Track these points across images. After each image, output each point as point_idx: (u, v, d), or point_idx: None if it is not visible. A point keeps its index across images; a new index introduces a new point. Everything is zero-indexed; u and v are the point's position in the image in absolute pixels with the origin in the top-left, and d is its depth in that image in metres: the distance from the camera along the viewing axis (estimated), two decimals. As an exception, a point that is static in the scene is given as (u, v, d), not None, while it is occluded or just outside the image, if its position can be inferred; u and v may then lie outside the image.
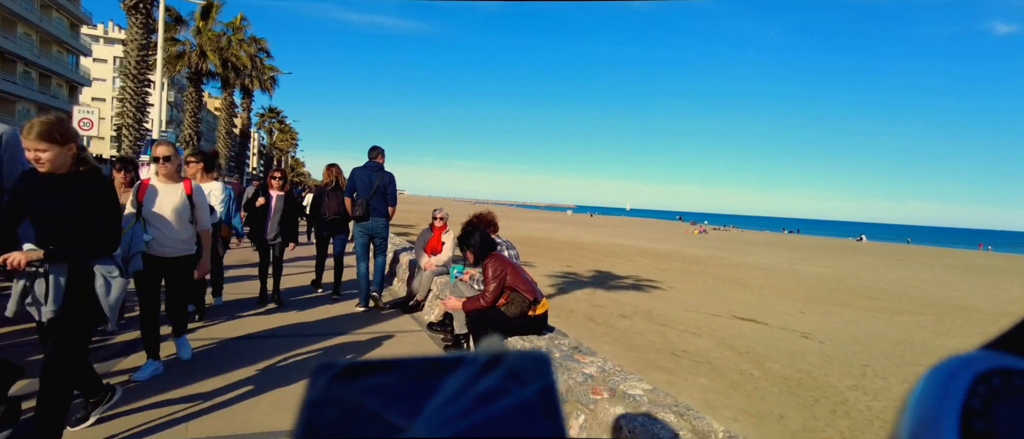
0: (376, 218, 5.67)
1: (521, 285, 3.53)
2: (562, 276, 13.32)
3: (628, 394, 2.26)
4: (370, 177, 5.67)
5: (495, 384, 0.23)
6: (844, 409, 4.92)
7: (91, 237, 2.36)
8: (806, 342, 8.17)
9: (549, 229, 33.31)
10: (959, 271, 26.13)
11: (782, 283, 17.61)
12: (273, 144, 60.53)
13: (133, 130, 12.11)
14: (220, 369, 3.53)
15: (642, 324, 8.00)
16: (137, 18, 12.00)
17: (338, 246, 6.37)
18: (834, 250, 37.25)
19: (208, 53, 17.95)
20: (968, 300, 15.66)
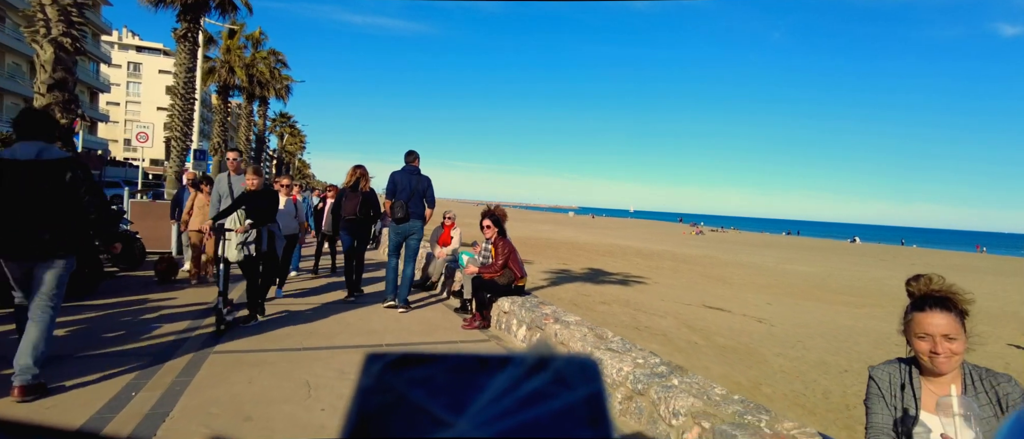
0: (414, 220, 5.82)
1: (514, 264, 5.16)
2: (557, 272, 14.73)
3: (564, 320, 3.85)
4: (409, 180, 5.80)
5: (541, 386, 0.23)
6: (760, 367, 6.46)
7: (268, 217, 4.81)
8: (758, 325, 9.66)
9: (549, 230, 34.73)
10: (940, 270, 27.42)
11: (762, 280, 18.98)
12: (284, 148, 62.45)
13: (180, 142, 13.83)
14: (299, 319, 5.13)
15: (618, 308, 9.54)
16: (185, 45, 13.72)
17: (359, 249, 6.32)
18: (825, 251, 38.54)
19: (236, 69, 19.68)
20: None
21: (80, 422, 2.64)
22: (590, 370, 0.24)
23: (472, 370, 0.24)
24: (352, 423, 0.23)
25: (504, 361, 0.24)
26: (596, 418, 0.23)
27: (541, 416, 0.22)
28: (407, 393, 0.23)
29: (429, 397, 0.23)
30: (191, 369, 3.49)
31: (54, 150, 3.07)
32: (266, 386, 3.25)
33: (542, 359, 0.24)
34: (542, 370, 0.24)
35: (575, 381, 0.24)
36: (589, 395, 0.23)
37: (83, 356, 3.66)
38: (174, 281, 6.80)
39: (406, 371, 0.24)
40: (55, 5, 6.59)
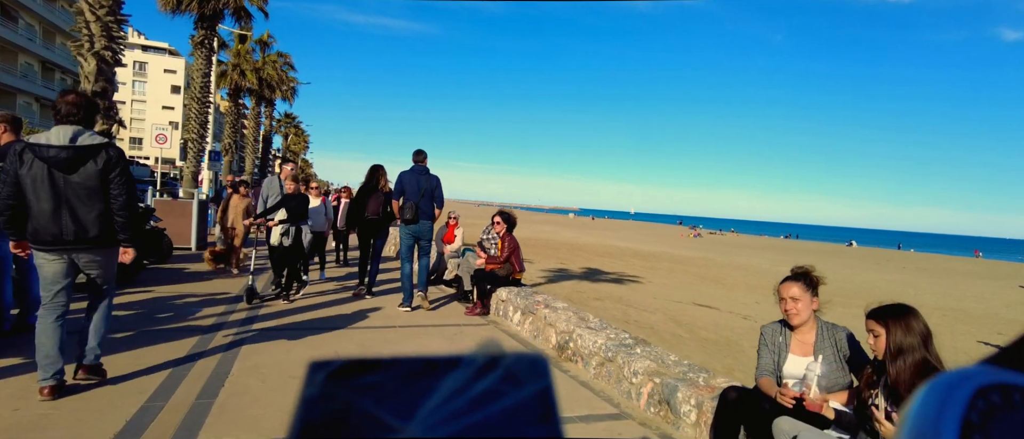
0: (424, 220, 5.74)
1: (516, 259, 5.85)
2: (555, 271, 15.37)
3: (553, 306, 4.53)
4: (418, 181, 5.70)
5: (491, 386, 0.23)
6: (736, 356, 7.09)
7: (301, 217, 5.78)
8: (742, 321, 10.30)
9: (550, 231, 35.39)
10: (929, 274, 28.12)
11: (754, 281, 19.59)
12: (288, 147, 63.25)
13: (196, 143, 14.54)
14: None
15: (610, 304, 10.19)
16: (202, 52, 14.45)
17: (377, 247, 6.37)
18: (821, 254, 39.16)
19: (247, 73, 20.41)
20: (916, 298, 17.74)
21: (163, 379, 3.32)
22: (540, 367, 0.25)
23: (421, 374, 0.24)
24: (296, 436, 0.23)
25: (453, 363, 0.24)
26: (545, 415, 0.23)
27: (491, 416, 0.22)
28: (353, 401, 0.23)
29: (376, 404, 0.23)
30: (237, 342, 4.16)
31: (91, 135, 3.00)
32: (301, 355, 3.91)
33: (492, 359, 0.25)
34: (492, 370, 0.24)
35: (525, 379, 0.24)
36: (538, 392, 0.24)
37: (146, 331, 4.34)
38: (215, 270, 7.55)
39: (352, 378, 0.24)
40: (98, 22, 7.28)
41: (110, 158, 2.99)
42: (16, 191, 2.86)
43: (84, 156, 2.91)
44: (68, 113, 2.93)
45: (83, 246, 2.96)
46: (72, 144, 2.88)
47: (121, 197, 3.01)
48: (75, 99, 2.99)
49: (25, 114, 36.71)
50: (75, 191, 2.90)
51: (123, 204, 3.03)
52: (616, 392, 3.44)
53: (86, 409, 2.84)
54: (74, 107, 2.96)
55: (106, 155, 2.99)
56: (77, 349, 3.10)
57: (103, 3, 7.24)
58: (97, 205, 2.96)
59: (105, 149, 3.01)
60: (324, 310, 5.59)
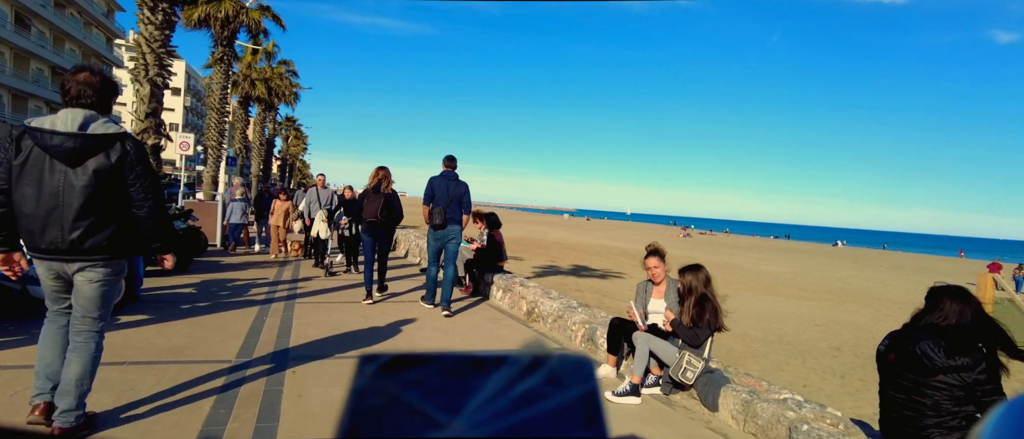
0: (452, 225, 5.81)
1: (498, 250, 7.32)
2: (544, 267, 16.70)
3: (525, 285, 5.99)
4: (447, 186, 5.77)
5: (535, 386, 0.23)
6: None
7: (357, 217, 6.97)
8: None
9: (543, 231, 36.80)
10: (903, 272, 29.71)
11: (735, 278, 20.99)
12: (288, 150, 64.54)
13: (215, 150, 15.96)
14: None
15: (589, 295, 11.60)
16: (221, 67, 15.92)
17: (381, 249, 6.39)
18: (806, 253, 40.76)
19: (257, 83, 21.85)
20: (883, 293, 19.22)
21: (250, 323, 4.76)
22: (585, 369, 0.25)
23: (466, 371, 0.24)
24: (346, 425, 0.23)
25: (499, 361, 0.25)
26: (591, 418, 0.23)
27: (535, 416, 0.22)
28: (401, 394, 0.24)
29: (423, 398, 0.23)
30: (289, 309, 5.59)
31: (107, 121, 2.46)
32: (339, 318, 5.34)
33: (536, 359, 0.24)
34: (536, 370, 0.24)
35: (569, 380, 0.24)
36: (583, 394, 0.24)
37: (219, 302, 5.76)
38: (291, 258, 9.47)
39: (400, 373, 0.24)
40: (153, 53, 8.71)
41: (126, 152, 2.44)
42: (7, 185, 2.37)
43: (94, 147, 2.37)
44: (79, 93, 2.40)
45: (79, 258, 2.39)
46: (81, 131, 2.34)
47: (147, 202, 2.49)
48: (88, 77, 2.45)
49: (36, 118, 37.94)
50: (78, 189, 2.36)
51: (151, 210, 2.51)
52: (562, 337, 4.92)
53: (218, 324, 4.24)
54: (86, 87, 2.41)
55: (122, 149, 2.44)
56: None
57: (157, 38, 8.68)
58: (104, 208, 2.41)
59: (121, 141, 2.45)
60: (352, 289, 7.04)
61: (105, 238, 2.44)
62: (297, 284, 7.24)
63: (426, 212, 5.84)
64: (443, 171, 5.90)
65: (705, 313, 3.42)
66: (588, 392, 0.24)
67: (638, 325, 3.63)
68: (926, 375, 2.26)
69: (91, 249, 2.41)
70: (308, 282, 7.47)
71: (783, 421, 2.76)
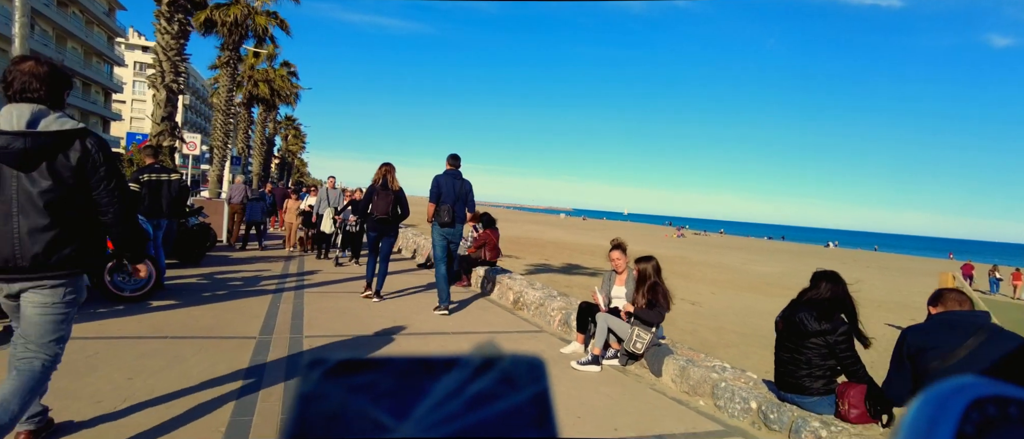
0: (459, 223, 5.92)
1: (488, 248, 7.96)
2: (536, 265, 17.29)
3: (513, 277, 6.67)
4: (453, 184, 5.83)
5: (487, 387, 0.23)
6: (675, 327, 9.19)
7: (363, 215, 7.14)
8: (690, 306, 12.34)
9: (538, 231, 37.46)
10: (888, 272, 30.51)
11: (721, 277, 21.66)
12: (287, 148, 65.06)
13: (221, 149, 16.57)
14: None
15: (578, 291, 12.18)
16: (227, 71, 16.53)
17: (385, 248, 6.29)
18: (797, 254, 41.52)
19: (260, 85, 22.45)
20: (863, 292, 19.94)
21: (267, 307, 5.40)
22: (537, 369, 0.25)
23: (417, 374, 0.24)
24: (291, 431, 0.23)
25: (450, 363, 0.24)
26: (542, 418, 0.23)
27: (487, 418, 0.22)
28: (349, 399, 0.23)
29: (372, 403, 0.23)
30: (299, 297, 6.23)
31: (59, 117, 2.14)
32: (346, 305, 5.98)
33: (488, 360, 0.24)
34: (488, 371, 0.24)
35: (522, 381, 0.24)
36: (535, 395, 0.24)
37: (235, 291, 6.40)
38: (259, 258, 9.67)
39: (348, 377, 0.24)
40: (169, 61, 9.33)
41: (88, 152, 2.15)
42: None
43: (48, 148, 2.07)
44: (24, 86, 2.09)
45: (38, 276, 2.10)
46: (30, 130, 2.05)
47: (113, 206, 2.20)
48: (33, 67, 2.13)
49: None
50: (33, 197, 2.07)
51: (117, 215, 2.22)
52: (543, 321, 5.58)
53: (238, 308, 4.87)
54: (32, 78, 2.11)
55: (82, 147, 2.14)
56: None
57: (172, 46, 9.31)
58: (68, 218, 2.12)
59: (79, 138, 2.15)
60: (356, 281, 7.68)
61: (72, 251, 2.15)
62: (303, 276, 7.89)
63: (431, 210, 5.89)
64: (447, 169, 5.97)
65: (658, 295, 4.09)
66: (539, 392, 0.24)
67: (600, 307, 4.29)
68: (803, 338, 2.93)
69: (57, 264, 2.12)
70: (313, 274, 8.13)
71: (708, 381, 3.43)
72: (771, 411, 2.98)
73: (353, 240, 9.42)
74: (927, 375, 2.44)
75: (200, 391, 3.15)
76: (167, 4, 9.21)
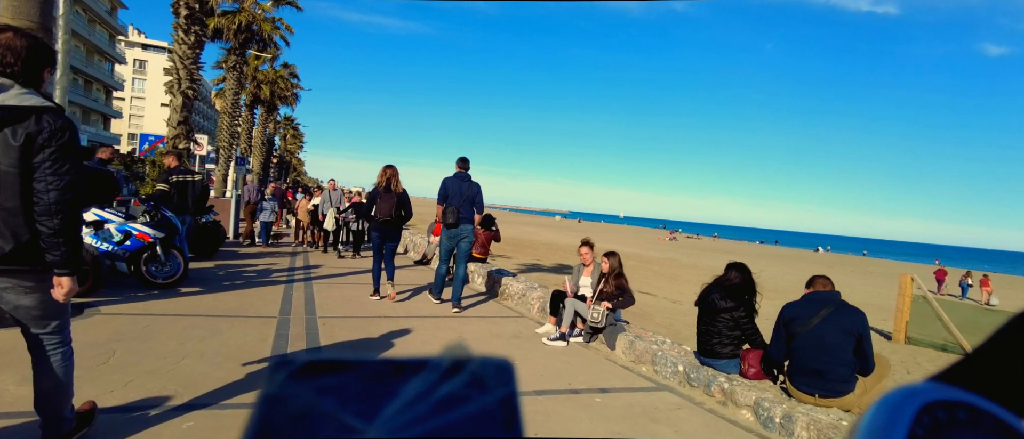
0: (465, 225, 6.01)
1: (479, 246, 8.75)
2: (528, 265, 18.00)
3: (503, 272, 7.49)
4: (461, 186, 5.96)
5: (456, 390, 0.23)
6: (645, 321, 9.97)
7: (366, 216, 7.72)
8: (670, 304, 13.06)
9: (533, 232, 38.22)
10: (869, 277, 31.36)
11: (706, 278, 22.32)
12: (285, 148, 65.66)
13: (226, 150, 17.29)
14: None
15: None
16: (233, 75, 17.27)
17: (388, 249, 6.35)
18: (786, 258, 42.45)
19: (263, 87, 23.18)
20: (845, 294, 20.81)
21: (281, 295, 6.16)
22: (505, 372, 0.25)
23: (385, 376, 0.24)
24: (253, 433, 0.22)
25: (419, 366, 0.24)
26: (509, 420, 0.23)
27: (454, 420, 0.22)
28: (315, 401, 0.23)
29: (339, 405, 0.23)
30: (309, 287, 6.99)
31: (24, 93, 1.91)
32: (351, 293, 6.75)
33: (458, 362, 0.24)
34: (457, 373, 0.24)
35: (490, 383, 0.24)
36: (503, 397, 0.24)
37: (251, 281, 7.15)
38: (267, 253, 10.45)
39: (315, 378, 0.24)
40: (185, 68, 10.08)
41: (40, 131, 1.89)
42: None
43: (4, 122, 1.85)
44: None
45: (3, 267, 1.93)
46: None
47: (49, 194, 1.92)
48: (9, 39, 1.93)
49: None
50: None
51: (50, 206, 1.93)
52: (524, 309, 6.39)
53: (257, 295, 5.62)
54: (8, 51, 1.91)
55: (36, 126, 1.89)
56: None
57: (189, 55, 10.06)
58: (22, 201, 1.90)
59: (37, 115, 1.91)
60: (353, 276, 8.45)
61: (29, 238, 1.93)
62: (310, 270, 8.65)
63: (440, 211, 6.05)
64: (457, 172, 6.12)
65: (624, 283, 4.90)
66: (507, 395, 0.24)
67: (568, 294, 5.08)
68: (715, 314, 3.74)
69: (12, 255, 1.91)
70: (318, 268, 8.89)
71: (650, 352, 4.24)
72: (692, 372, 3.79)
73: (354, 236, 10.60)
74: (794, 337, 3.24)
75: (242, 347, 3.93)
76: (184, 17, 9.96)
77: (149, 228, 6.09)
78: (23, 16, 4.05)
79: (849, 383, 3.20)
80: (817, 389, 3.23)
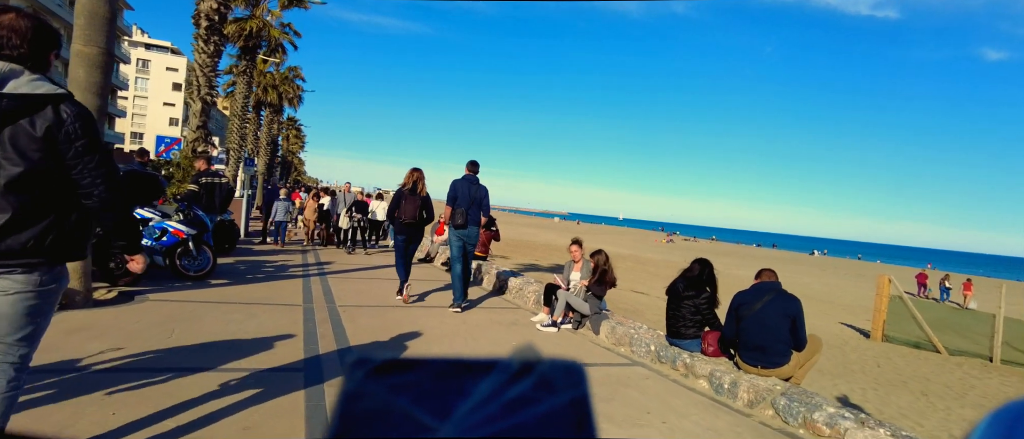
0: (472, 226, 6.16)
1: (480, 245, 9.43)
2: (526, 265, 18.70)
3: (498, 267, 8.17)
4: (469, 189, 6.11)
5: (526, 391, 0.23)
6: (643, 317, 10.61)
7: (365, 212, 8.76)
8: (659, 301, 13.74)
9: (532, 233, 38.90)
10: (861, 280, 32.08)
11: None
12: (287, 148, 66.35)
13: (236, 151, 17.97)
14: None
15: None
16: (243, 79, 17.95)
17: (411, 250, 6.53)
18: (782, 261, 43.04)
19: (269, 90, 23.87)
20: (826, 295, 21.55)
21: (301, 286, 6.82)
22: (576, 374, 0.25)
23: (457, 375, 0.24)
24: (335, 427, 0.23)
25: (489, 366, 0.25)
26: (581, 422, 0.23)
27: (526, 421, 0.22)
28: (392, 399, 0.24)
29: (413, 403, 0.23)
30: (325, 280, 7.65)
31: (35, 80, 1.78)
32: (363, 286, 7.42)
33: (527, 364, 0.24)
34: (527, 375, 0.24)
35: (560, 386, 0.24)
36: (573, 399, 0.24)
37: (270, 274, 7.81)
38: (280, 250, 11.14)
39: (391, 376, 0.24)
40: (204, 76, 10.76)
41: (61, 121, 1.79)
42: None
43: (17, 111, 1.73)
44: (1, 42, 1.76)
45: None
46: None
47: (97, 187, 1.86)
48: (13, 20, 1.79)
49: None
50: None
51: (103, 198, 1.88)
52: (521, 302, 7.08)
53: (279, 286, 6.28)
54: (11, 33, 1.78)
55: (55, 116, 1.78)
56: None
57: (208, 64, 10.74)
58: (32, 196, 1.77)
59: (54, 104, 1.79)
60: (364, 271, 9.12)
61: (31, 237, 1.80)
62: (322, 265, 9.33)
63: (448, 213, 6.20)
64: (466, 175, 6.26)
65: (605, 277, 5.57)
66: (578, 397, 0.24)
67: (560, 287, 5.75)
68: (680, 301, 4.42)
69: (8, 252, 1.78)
70: (330, 263, 9.58)
71: (628, 335, 4.93)
72: (662, 351, 4.47)
73: (363, 234, 11.69)
74: (742, 320, 3.92)
75: (276, 328, 4.60)
76: (205, 28, 10.64)
77: (183, 226, 6.75)
78: (93, 43, 4.69)
79: (785, 357, 3.88)
80: (759, 362, 3.91)
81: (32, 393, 2.86)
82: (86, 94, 4.60)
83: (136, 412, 2.78)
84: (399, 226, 6.33)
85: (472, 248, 6.23)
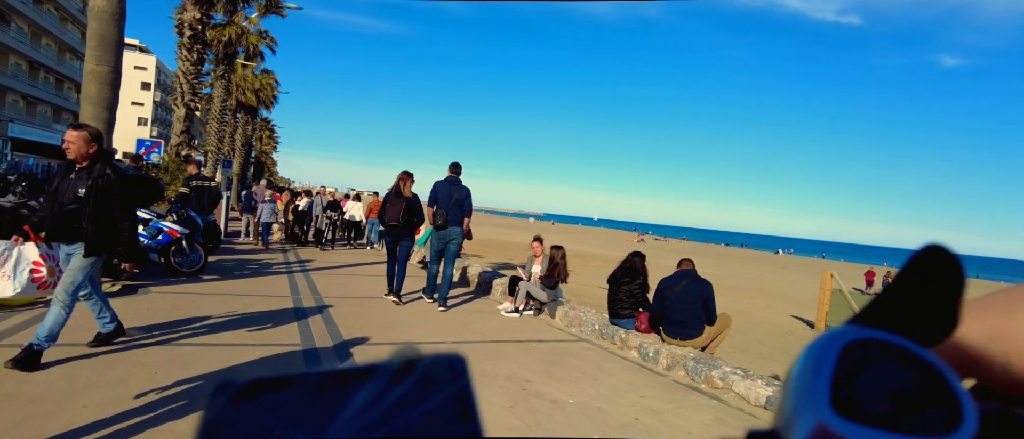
0: (453, 227, 6.21)
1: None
2: (499, 265, 19.41)
3: (472, 264, 8.94)
4: (450, 190, 6.17)
5: (408, 391, 0.23)
6: (597, 307, 11.43)
7: (338, 211, 9.23)
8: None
9: (507, 233, 39.61)
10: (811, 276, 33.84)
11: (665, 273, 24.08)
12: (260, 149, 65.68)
13: (214, 154, 18.29)
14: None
15: (529, 282, 14.50)
16: (221, 83, 18.28)
17: (402, 253, 6.52)
18: (746, 259, 44.93)
19: (247, 93, 24.11)
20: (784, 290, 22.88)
21: (288, 281, 7.45)
22: (458, 366, 0.24)
23: (332, 387, 0.23)
24: None
25: (367, 371, 0.24)
26: (465, 414, 0.23)
27: (409, 422, 0.22)
28: (260, 422, 0.22)
29: (285, 422, 0.22)
30: (309, 277, 8.28)
31: None
32: (345, 281, 8.08)
33: (408, 362, 0.24)
34: (409, 374, 0.23)
35: (443, 380, 0.23)
36: (457, 392, 0.23)
37: (256, 271, 8.40)
38: (260, 249, 11.63)
39: (257, 398, 0.23)
40: (188, 83, 11.23)
41: None
42: None
43: None
44: None
45: None
46: None
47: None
48: None
49: (12, 112, 38.83)
50: None
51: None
52: (491, 293, 7.85)
53: (267, 281, 6.90)
54: None
55: None
56: None
57: (191, 71, 11.20)
58: None
59: None
60: (343, 269, 9.76)
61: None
62: (304, 262, 9.93)
63: (430, 213, 6.30)
64: (448, 176, 6.32)
65: (557, 270, 6.39)
66: (461, 389, 0.23)
67: (522, 278, 6.55)
68: (618, 286, 5.27)
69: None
70: (310, 261, 10.18)
71: (578, 318, 5.79)
72: (604, 330, 5.32)
73: (333, 232, 12.92)
74: (665, 300, 4.79)
75: (272, 315, 5.27)
76: (188, 38, 11.12)
77: (177, 226, 7.32)
78: (104, 62, 5.28)
79: (699, 330, 4.77)
80: (678, 335, 4.78)
81: (88, 357, 3.51)
82: (98, 109, 5.19)
83: (170, 375, 3.46)
84: (387, 228, 6.51)
85: (455, 248, 6.29)
